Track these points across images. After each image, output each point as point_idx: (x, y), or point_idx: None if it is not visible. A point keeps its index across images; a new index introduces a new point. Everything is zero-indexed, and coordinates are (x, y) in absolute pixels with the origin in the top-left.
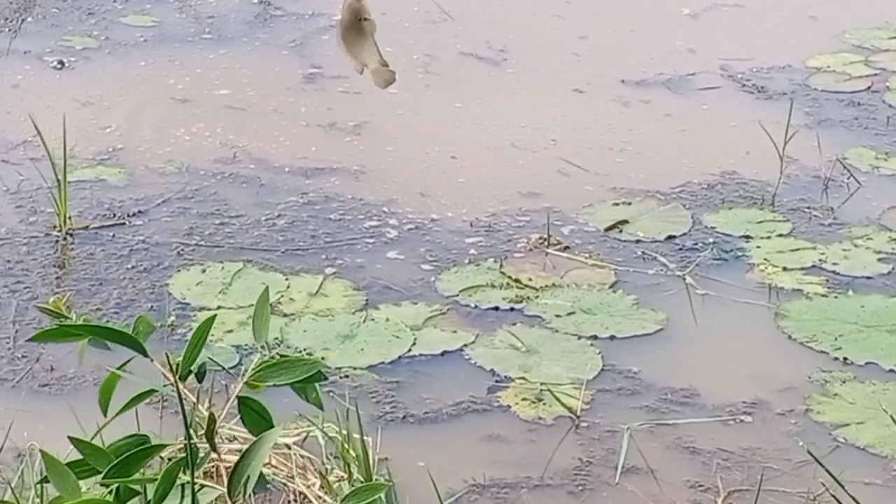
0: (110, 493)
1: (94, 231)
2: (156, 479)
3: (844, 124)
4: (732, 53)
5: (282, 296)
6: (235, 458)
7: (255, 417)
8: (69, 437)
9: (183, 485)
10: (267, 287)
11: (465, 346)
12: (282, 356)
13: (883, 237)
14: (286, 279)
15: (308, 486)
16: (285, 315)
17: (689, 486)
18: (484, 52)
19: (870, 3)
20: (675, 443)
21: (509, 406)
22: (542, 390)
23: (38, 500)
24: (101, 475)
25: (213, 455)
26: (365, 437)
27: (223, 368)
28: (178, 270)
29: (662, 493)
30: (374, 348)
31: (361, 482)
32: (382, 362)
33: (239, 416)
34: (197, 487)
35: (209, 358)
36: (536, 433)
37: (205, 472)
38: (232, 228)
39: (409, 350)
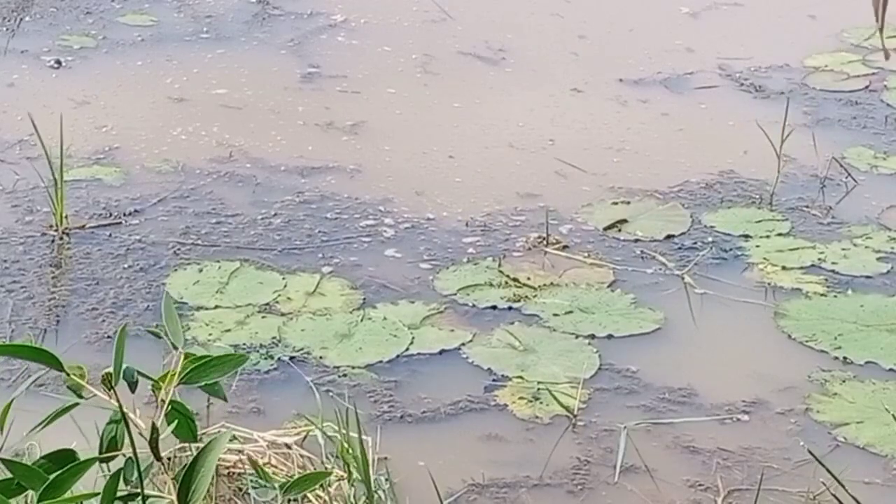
0: None
1: (90, 230)
2: (97, 494)
3: (842, 123)
4: (731, 52)
5: (279, 295)
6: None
7: (182, 419)
8: (1, 460)
9: (124, 497)
10: (168, 294)
11: (463, 345)
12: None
13: (882, 236)
14: (283, 278)
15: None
16: (283, 314)
17: (688, 485)
18: (483, 51)
19: (868, 3)
20: (674, 442)
21: (506, 405)
22: (539, 389)
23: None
24: (38, 495)
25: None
26: (364, 437)
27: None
28: (175, 270)
29: (662, 492)
30: (372, 347)
31: (362, 481)
32: (381, 361)
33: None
34: (150, 497)
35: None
36: (534, 432)
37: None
38: (228, 228)
39: (407, 349)
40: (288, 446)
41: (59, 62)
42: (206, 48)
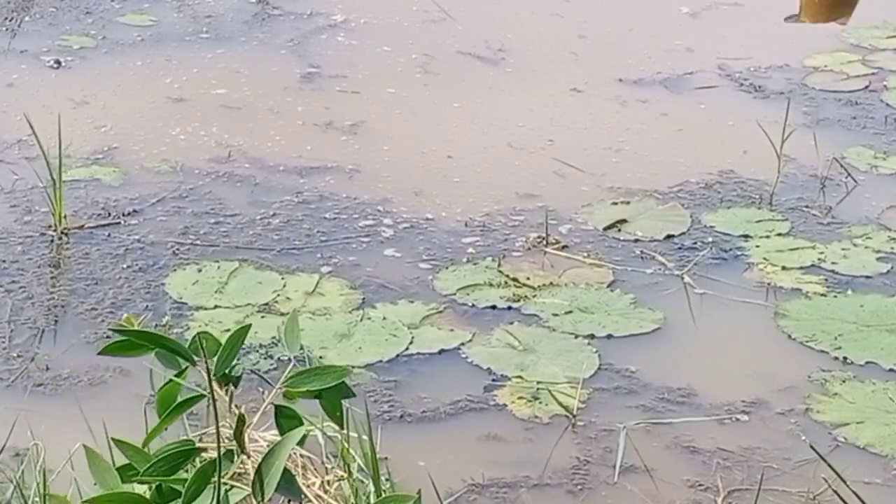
0: (154, 490)
1: (89, 230)
2: (186, 480)
3: (842, 123)
4: (730, 52)
5: (278, 295)
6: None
7: (290, 423)
8: (113, 440)
9: (215, 485)
10: (295, 312)
11: (463, 344)
12: (313, 367)
13: (882, 236)
14: (282, 278)
15: (308, 486)
16: (282, 314)
17: (688, 485)
18: (482, 51)
19: (868, 3)
20: (673, 442)
21: (506, 405)
22: (538, 389)
23: (37, 500)
24: (141, 473)
25: (244, 456)
26: (364, 438)
27: (259, 375)
28: (174, 270)
29: (662, 492)
30: (371, 347)
31: (362, 482)
32: (380, 361)
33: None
34: (227, 487)
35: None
36: (533, 432)
37: (240, 474)
38: (227, 228)
39: (407, 349)
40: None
41: (58, 62)
42: (206, 48)
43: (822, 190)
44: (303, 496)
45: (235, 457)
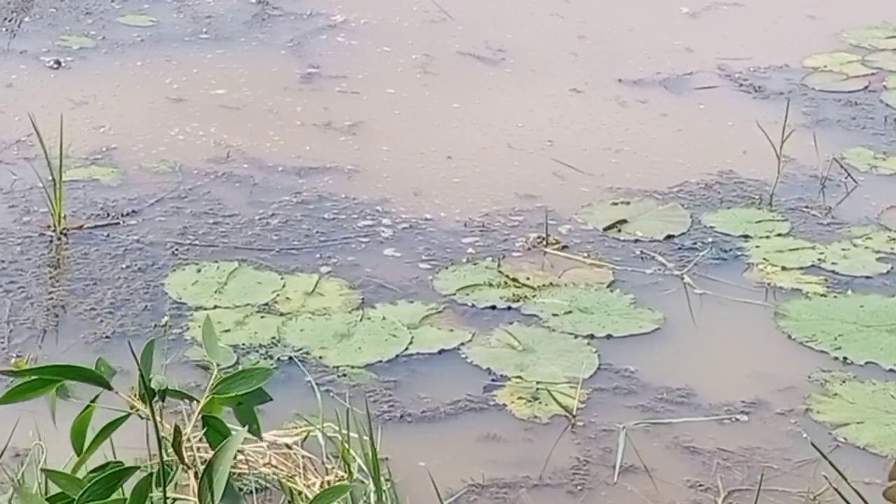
0: None
1: (88, 231)
2: (125, 500)
3: (842, 124)
4: (730, 53)
5: (277, 295)
6: None
7: (217, 436)
8: (43, 470)
9: (153, 501)
10: (208, 316)
11: (462, 344)
12: (238, 371)
13: (882, 237)
14: (281, 278)
15: (308, 486)
16: (282, 314)
17: (688, 485)
18: (482, 51)
19: (867, 3)
20: (673, 442)
21: (505, 405)
22: (538, 389)
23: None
24: (76, 500)
25: (182, 468)
26: (364, 438)
27: (184, 395)
28: (173, 270)
29: (662, 492)
30: (371, 347)
31: (363, 482)
32: (380, 361)
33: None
34: (170, 501)
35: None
36: (533, 432)
37: (185, 485)
38: (226, 228)
39: (407, 349)
40: (288, 446)
41: (58, 62)
42: (206, 48)
43: (821, 190)
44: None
45: (175, 469)
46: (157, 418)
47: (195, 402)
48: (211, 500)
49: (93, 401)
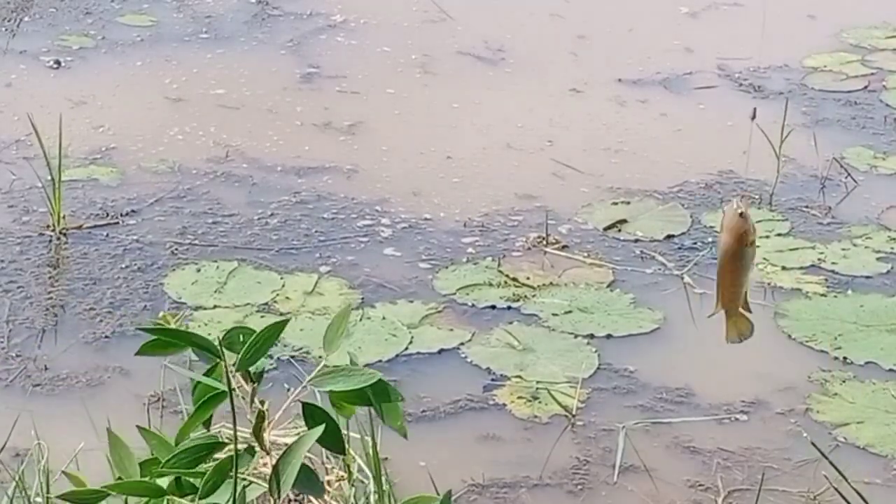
0: (174, 482)
1: (87, 230)
2: (205, 473)
3: (841, 123)
4: (730, 52)
5: (277, 294)
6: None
7: (319, 424)
8: (138, 427)
9: (233, 480)
10: (349, 305)
11: (462, 344)
12: (340, 367)
13: (882, 236)
14: (281, 278)
15: None
16: (282, 314)
17: (688, 485)
18: (482, 51)
19: (867, 3)
20: (673, 442)
21: (505, 404)
22: (538, 389)
23: (39, 500)
24: (163, 463)
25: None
26: (365, 437)
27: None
28: (173, 270)
29: (662, 492)
30: (371, 347)
31: (363, 482)
32: (380, 360)
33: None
34: (245, 483)
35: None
36: (532, 432)
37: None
38: (225, 228)
39: (406, 348)
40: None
41: (58, 62)
42: (205, 48)
43: (821, 190)
44: (322, 490)
45: (254, 453)
46: (255, 400)
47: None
48: (278, 487)
49: (214, 367)
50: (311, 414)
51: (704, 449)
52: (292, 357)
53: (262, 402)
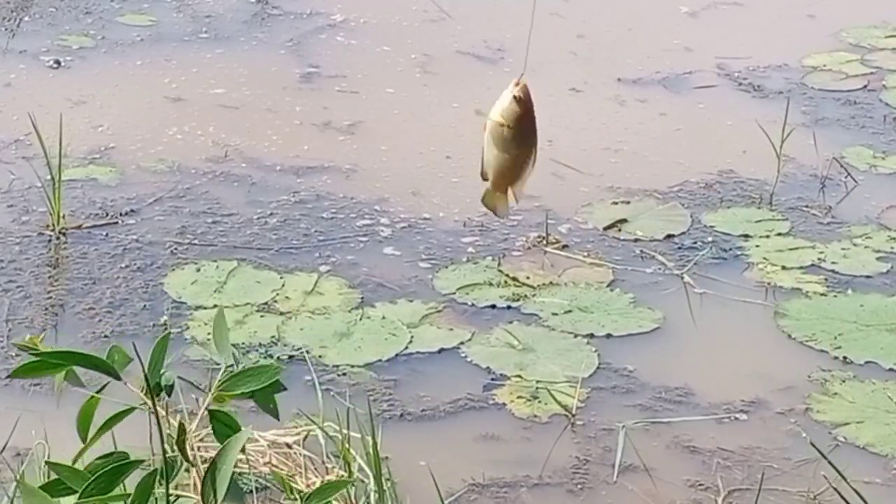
0: None
1: (86, 230)
2: (128, 495)
3: (841, 123)
4: (729, 52)
5: (277, 294)
6: None
7: (225, 430)
8: (46, 462)
9: (157, 497)
10: (221, 309)
11: (462, 343)
12: (244, 369)
13: (882, 236)
14: (281, 277)
15: (308, 486)
16: (282, 313)
17: (688, 485)
18: (482, 51)
19: (867, 2)
20: (673, 442)
21: (505, 404)
22: (537, 388)
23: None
24: (80, 493)
25: (187, 465)
26: (365, 437)
27: (191, 384)
28: (173, 269)
29: (662, 492)
30: (371, 346)
31: (363, 482)
32: (380, 360)
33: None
34: (172, 498)
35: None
36: (532, 431)
37: (185, 484)
38: (224, 227)
39: (406, 348)
40: (289, 446)
41: (58, 62)
42: (205, 48)
43: (821, 190)
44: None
45: (179, 466)
46: (163, 413)
47: (203, 397)
48: (214, 498)
49: (100, 390)
50: (220, 422)
51: (704, 448)
52: (292, 357)
53: (173, 412)
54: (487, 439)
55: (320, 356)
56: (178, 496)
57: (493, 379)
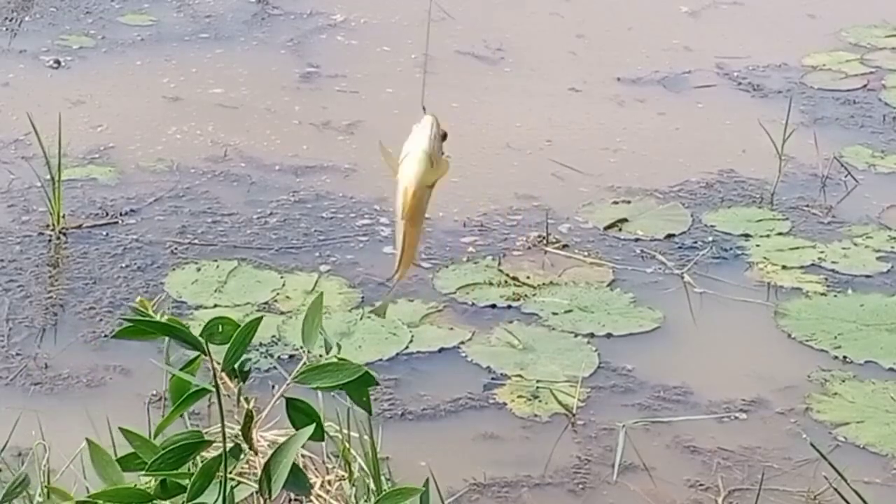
0: (158, 484)
1: (86, 230)
2: (191, 474)
3: (841, 122)
4: (729, 52)
5: (277, 294)
6: None
7: (303, 419)
8: (120, 429)
9: (221, 480)
10: (321, 293)
11: (462, 343)
12: (325, 363)
13: (882, 236)
14: (281, 277)
15: (308, 485)
16: (282, 313)
17: (689, 484)
18: (481, 51)
19: (867, 2)
20: (673, 441)
21: (505, 403)
22: (538, 388)
23: (40, 500)
24: (148, 465)
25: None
26: (365, 437)
27: (276, 367)
28: (173, 269)
29: (662, 491)
30: (371, 346)
31: (364, 482)
32: (380, 359)
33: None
34: (233, 484)
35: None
36: (532, 430)
37: (242, 473)
38: (224, 227)
39: (407, 347)
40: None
41: (58, 62)
42: (205, 48)
43: (822, 189)
44: (310, 489)
45: (242, 453)
46: (241, 398)
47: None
48: (268, 486)
49: (192, 361)
50: (297, 410)
51: (704, 448)
52: (292, 356)
53: (247, 400)
54: (488, 439)
55: (321, 356)
56: (238, 482)
57: (493, 378)
